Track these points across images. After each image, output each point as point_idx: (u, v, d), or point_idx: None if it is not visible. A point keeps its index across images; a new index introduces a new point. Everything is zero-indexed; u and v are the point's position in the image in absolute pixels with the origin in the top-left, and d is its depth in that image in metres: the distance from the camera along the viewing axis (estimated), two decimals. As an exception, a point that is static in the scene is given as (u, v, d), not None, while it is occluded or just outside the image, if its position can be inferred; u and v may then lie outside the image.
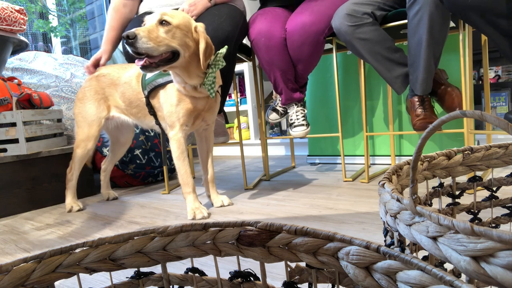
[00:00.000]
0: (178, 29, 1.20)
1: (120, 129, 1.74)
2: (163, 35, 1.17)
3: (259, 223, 0.41)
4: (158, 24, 1.18)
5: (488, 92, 1.62)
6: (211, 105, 1.39)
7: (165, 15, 1.19)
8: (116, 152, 1.80)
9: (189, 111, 1.33)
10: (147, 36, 1.14)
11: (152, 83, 1.39)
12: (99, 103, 1.60)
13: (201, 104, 1.35)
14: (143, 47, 1.13)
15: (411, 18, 1.35)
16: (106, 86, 1.58)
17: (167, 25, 1.18)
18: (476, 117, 0.29)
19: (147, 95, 1.42)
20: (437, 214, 0.31)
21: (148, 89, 1.41)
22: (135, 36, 1.12)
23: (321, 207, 1.31)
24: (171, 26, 1.19)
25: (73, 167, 1.64)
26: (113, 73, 1.57)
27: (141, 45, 1.13)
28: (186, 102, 1.32)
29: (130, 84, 1.50)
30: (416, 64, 1.39)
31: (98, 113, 1.59)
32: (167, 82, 1.36)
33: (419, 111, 1.45)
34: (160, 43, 1.16)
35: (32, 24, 4.16)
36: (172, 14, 1.20)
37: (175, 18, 1.20)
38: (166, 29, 1.18)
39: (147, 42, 1.13)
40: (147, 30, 1.15)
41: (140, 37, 1.12)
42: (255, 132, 3.09)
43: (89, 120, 1.59)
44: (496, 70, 2.37)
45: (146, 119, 1.52)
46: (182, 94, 1.32)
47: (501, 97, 2.26)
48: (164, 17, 1.18)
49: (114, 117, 1.61)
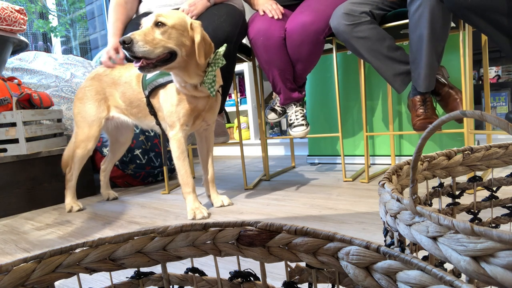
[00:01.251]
0: (174, 29, 1.20)
1: (120, 129, 1.74)
2: (159, 37, 1.17)
3: (259, 223, 0.41)
4: (154, 26, 1.18)
5: (488, 92, 1.62)
6: (211, 105, 1.39)
7: (160, 16, 1.19)
8: (115, 152, 1.80)
9: (190, 111, 1.33)
10: (143, 39, 1.14)
11: (153, 83, 1.39)
12: (99, 103, 1.59)
13: (201, 104, 1.35)
14: (140, 51, 1.14)
15: (412, 14, 1.35)
16: (107, 85, 1.58)
17: (163, 26, 1.18)
18: (476, 117, 0.29)
19: (147, 95, 1.42)
20: (437, 214, 0.31)
21: (149, 89, 1.41)
22: (131, 41, 1.12)
23: (321, 207, 1.31)
24: (167, 27, 1.19)
25: (72, 167, 1.63)
26: (114, 73, 1.57)
27: (138, 49, 1.13)
28: (186, 102, 1.32)
29: (131, 84, 1.50)
30: (418, 61, 1.38)
31: (98, 113, 1.59)
32: (167, 82, 1.35)
33: (420, 111, 1.44)
34: (156, 45, 1.16)
35: (32, 24, 4.16)
36: (167, 15, 1.20)
37: (170, 18, 1.20)
38: (162, 30, 1.18)
39: (144, 46, 1.14)
40: (143, 34, 1.15)
41: (136, 41, 1.13)
42: (255, 132, 3.09)
43: (89, 120, 1.58)
44: (496, 70, 2.37)
45: (147, 119, 1.51)
46: (182, 94, 1.32)
47: (501, 97, 2.26)
48: (159, 18, 1.18)
49: (114, 117, 1.61)
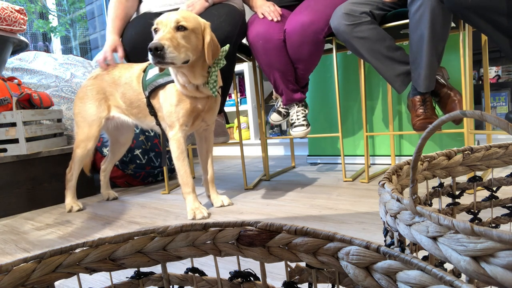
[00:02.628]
0: (193, 33, 1.19)
1: (120, 129, 1.73)
2: (182, 42, 1.16)
3: (259, 223, 0.41)
4: (176, 30, 1.16)
5: (488, 92, 1.62)
6: (211, 106, 1.39)
7: (181, 20, 1.17)
8: (115, 152, 1.80)
9: (189, 111, 1.33)
10: (172, 45, 1.12)
11: (153, 83, 1.39)
12: (99, 103, 1.58)
13: (201, 104, 1.35)
14: (169, 57, 1.12)
15: (413, 14, 1.35)
16: (108, 85, 1.57)
17: (184, 30, 1.17)
18: (476, 117, 0.29)
19: (147, 96, 1.42)
20: (437, 214, 0.31)
21: (149, 89, 1.41)
22: (163, 47, 1.10)
23: (321, 207, 1.31)
24: (188, 32, 1.17)
25: (72, 167, 1.63)
26: (114, 73, 1.56)
27: (168, 55, 1.12)
28: (186, 102, 1.32)
29: (131, 85, 1.50)
30: (418, 61, 1.39)
31: (98, 113, 1.58)
32: (167, 83, 1.35)
33: (420, 111, 1.44)
34: (181, 51, 1.15)
35: (32, 24, 4.15)
36: (187, 18, 1.18)
37: (190, 22, 1.18)
38: (183, 34, 1.16)
39: (173, 52, 1.12)
40: (169, 39, 1.13)
41: (167, 47, 1.11)
42: (255, 132, 3.09)
43: (89, 120, 1.58)
44: (496, 70, 2.37)
45: (147, 119, 1.51)
46: (182, 94, 1.32)
47: (501, 97, 2.26)
48: (181, 22, 1.16)
49: (114, 117, 1.60)
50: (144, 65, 1.48)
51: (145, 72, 1.44)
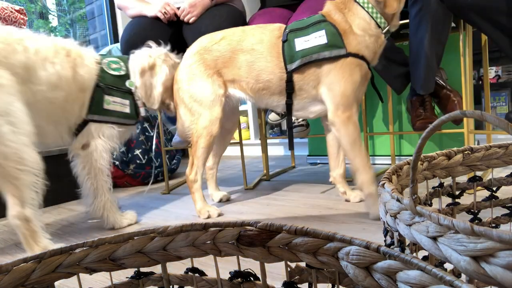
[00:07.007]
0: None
1: (226, 112, 1.39)
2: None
3: (259, 223, 0.41)
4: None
5: (488, 92, 1.62)
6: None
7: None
8: (221, 143, 1.53)
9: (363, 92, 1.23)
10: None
11: (312, 55, 1.16)
12: (212, 79, 1.31)
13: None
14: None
15: (413, 17, 1.35)
16: (220, 55, 1.30)
17: None
18: (476, 117, 0.29)
19: (292, 69, 1.20)
20: (437, 214, 0.31)
21: (301, 62, 1.18)
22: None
23: (321, 207, 1.31)
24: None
25: (195, 164, 1.32)
26: (229, 37, 1.31)
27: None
28: (364, 83, 1.21)
29: (263, 54, 1.25)
30: (417, 63, 1.39)
31: (215, 91, 1.30)
32: (338, 57, 1.15)
33: (420, 112, 1.44)
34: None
35: (32, 24, 4.15)
36: None
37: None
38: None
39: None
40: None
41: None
42: (255, 132, 3.09)
43: (206, 101, 1.29)
44: (496, 70, 2.37)
45: (272, 97, 1.29)
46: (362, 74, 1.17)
47: (501, 97, 2.27)
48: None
49: (230, 95, 1.34)
50: (277, 31, 1.26)
51: (288, 41, 1.22)
